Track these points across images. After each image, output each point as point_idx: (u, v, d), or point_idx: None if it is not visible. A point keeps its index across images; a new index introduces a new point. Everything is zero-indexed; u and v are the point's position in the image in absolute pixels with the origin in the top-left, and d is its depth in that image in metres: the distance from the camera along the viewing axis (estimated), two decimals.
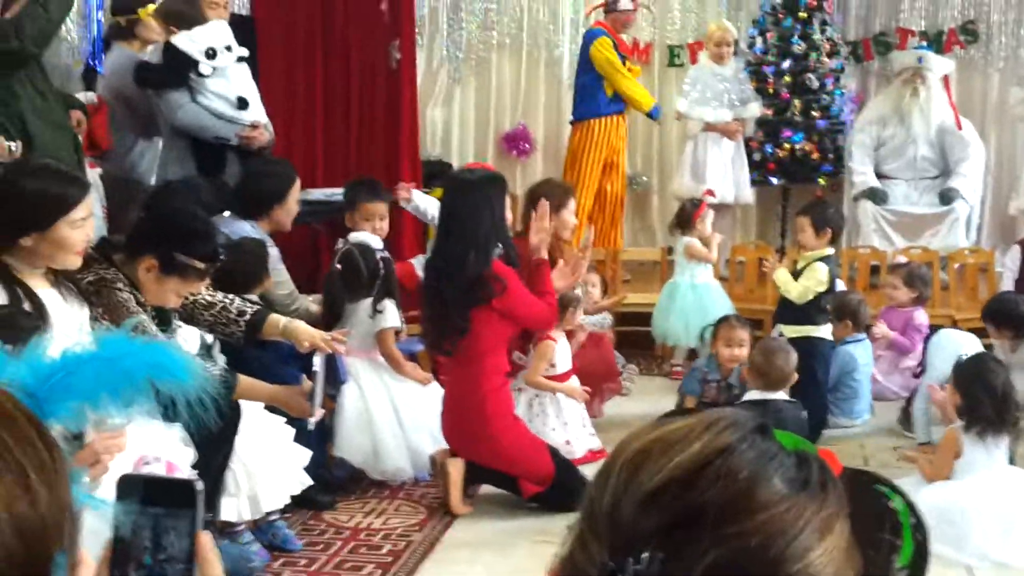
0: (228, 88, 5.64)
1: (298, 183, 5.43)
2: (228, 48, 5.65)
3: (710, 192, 7.65)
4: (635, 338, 7.11)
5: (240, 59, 5.73)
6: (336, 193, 5.99)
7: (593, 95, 8.15)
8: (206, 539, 1.06)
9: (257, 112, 5.79)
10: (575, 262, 5.05)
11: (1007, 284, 6.93)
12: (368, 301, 4.94)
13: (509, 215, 4.87)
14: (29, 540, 0.91)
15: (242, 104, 5.65)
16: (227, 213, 5.16)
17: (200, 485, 1.07)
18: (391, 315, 4.97)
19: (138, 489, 1.05)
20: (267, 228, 5.23)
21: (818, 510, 1.01)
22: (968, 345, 5.18)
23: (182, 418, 1.58)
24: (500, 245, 4.61)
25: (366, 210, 5.45)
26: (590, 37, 8.15)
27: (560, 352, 5.43)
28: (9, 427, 0.95)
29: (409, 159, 7.79)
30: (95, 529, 1.12)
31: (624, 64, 8.09)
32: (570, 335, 5.68)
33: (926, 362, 5.65)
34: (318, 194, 6.30)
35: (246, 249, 4.73)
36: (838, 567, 1.01)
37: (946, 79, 8.44)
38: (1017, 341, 5.64)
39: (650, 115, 8.21)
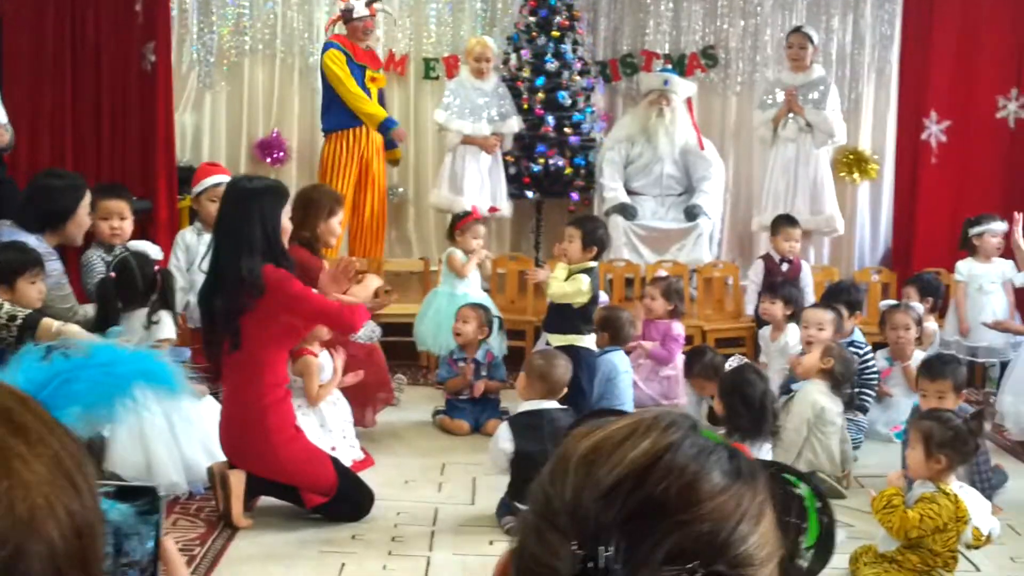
0: None
1: (88, 196, 5.26)
2: None
3: (494, 208, 7.80)
4: (400, 348, 7.13)
5: None
6: None
7: (339, 106, 8.14)
8: (169, 543, 1.03)
9: None
10: (344, 264, 5.04)
11: (751, 296, 7.34)
12: (143, 311, 4.78)
13: (288, 225, 4.75)
14: (86, 539, 0.88)
15: None
16: (8, 223, 4.95)
17: (162, 491, 1.04)
18: (167, 327, 4.82)
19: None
20: (54, 242, 5.04)
21: (753, 497, 1.09)
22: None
23: None
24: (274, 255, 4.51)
25: (103, 208, 5.39)
26: (324, 49, 8.18)
27: (324, 363, 5.38)
28: (52, 430, 0.91)
29: (165, 164, 7.61)
30: None
31: (364, 74, 8.13)
32: (332, 345, 5.60)
33: None
34: None
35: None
36: (770, 549, 1.09)
37: (689, 101, 8.87)
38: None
39: (383, 127, 8.20)
